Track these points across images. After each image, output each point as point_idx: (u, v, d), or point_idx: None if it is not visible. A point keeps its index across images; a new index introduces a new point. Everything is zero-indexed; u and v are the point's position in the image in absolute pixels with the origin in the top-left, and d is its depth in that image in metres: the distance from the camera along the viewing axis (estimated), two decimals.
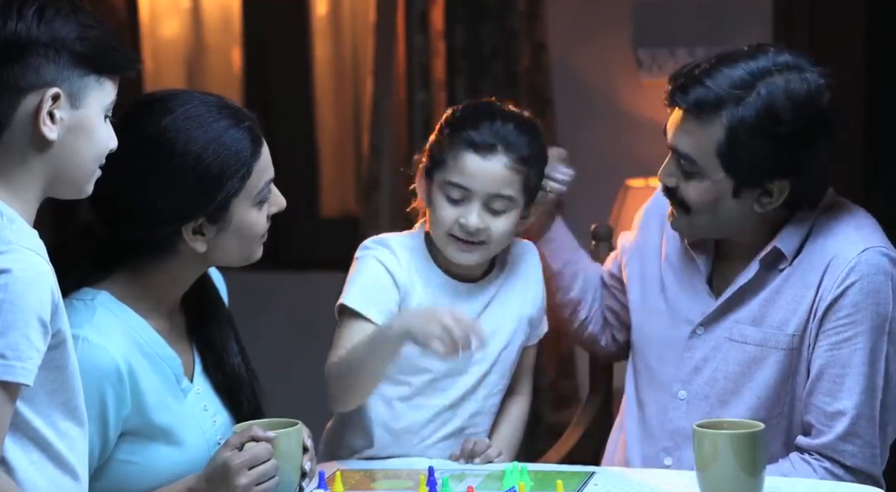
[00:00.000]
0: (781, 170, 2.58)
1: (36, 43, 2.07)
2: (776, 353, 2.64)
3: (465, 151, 2.59)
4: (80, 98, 2.12)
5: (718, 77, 2.55)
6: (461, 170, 2.59)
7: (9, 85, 2.07)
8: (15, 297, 2.00)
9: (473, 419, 2.71)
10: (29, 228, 2.09)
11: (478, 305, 2.69)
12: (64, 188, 2.16)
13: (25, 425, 2.10)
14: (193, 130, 2.34)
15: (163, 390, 2.39)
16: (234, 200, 2.38)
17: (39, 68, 2.08)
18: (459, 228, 2.60)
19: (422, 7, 4.90)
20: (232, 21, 5.42)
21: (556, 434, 3.18)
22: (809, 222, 2.65)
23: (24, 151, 2.10)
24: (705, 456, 2.32)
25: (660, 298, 2.78)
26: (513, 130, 2.60)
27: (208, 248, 2.40)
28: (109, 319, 2.34)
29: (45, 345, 2.05)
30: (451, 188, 2.61)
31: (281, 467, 2.32)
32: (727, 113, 2.54)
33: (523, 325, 2.74)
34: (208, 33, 5.48)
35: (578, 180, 2.88)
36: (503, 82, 4.91)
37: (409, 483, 2.50)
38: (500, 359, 2.71)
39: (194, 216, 2.36)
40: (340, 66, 5.44)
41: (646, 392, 2.79)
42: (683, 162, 2.61)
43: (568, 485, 2.45)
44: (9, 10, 2.07)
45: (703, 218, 2.64)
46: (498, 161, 2.59)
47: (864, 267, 2.59)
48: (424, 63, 4.91)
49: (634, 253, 2.86)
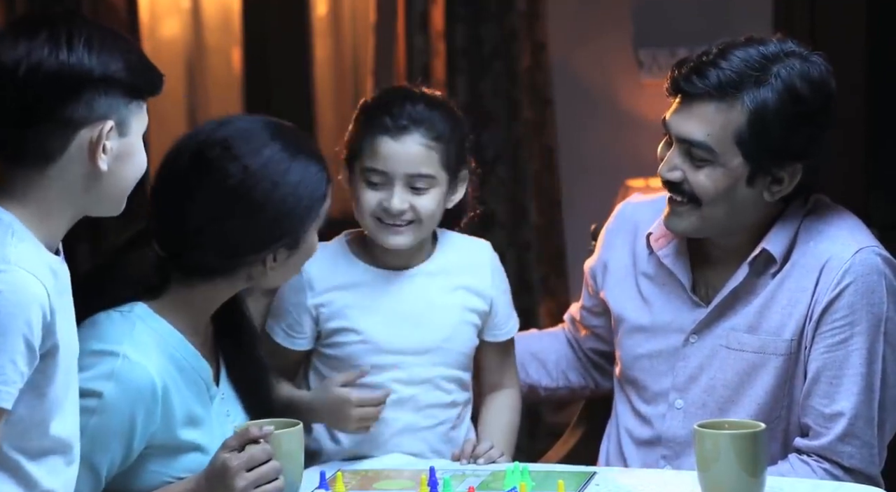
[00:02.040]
0: (796, 153, 2.57)
1: (89, 78, 2.06)
2: (775, 359, 2.63)
3: (379, 135, 2.62)
4: (126, 125, 2.13)
5: (733, 59, 2.54)
6: (377, 154, 2.62)
7: (63, 121, 2.07)
8: (3, 318, 1.98)
9: (426, 412, 2.70)
10: (36, 250, 2.08)
11: (408, 291, 2.69)
12: (101, 209, 2.17)
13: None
14: (277, 177, 2.36)
15: (193, 401, 2.39)
16: (311, 228, 2.43)
17: (93, 103, 2.08)
18: (384, 211, 2.62)
19: (422, 7, 4.90)
20: (232, 21, 5.41)
21: (556, 434, 3.17)
22: (796, 223, 2.64)
23: (71, 183, 2.10)
24: (706, 456, 2.31)
25: (644, 313, 2.76)
26: (423, 108, 2.63)
27: (268, 273, 2.42)
28: (147, 334, 2.35)
29: (31, 368, 2.03)
30: (370, 174, 2.63)
31: (282, 468, 2.32)
32: (748, 95, 2.53)
33: (470, 316, 2.72)
34: (208, 33, 5.48)
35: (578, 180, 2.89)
36: (503, 82, 4.92)
37: (411, 483, 2.50)
38: (443, 349, 2.70)
39: (276, 248, 2.39)
40: (340, 66, 5.44)
41: (639, 406, 2.77)
42: (696, 150, 2.57)
43: (569, 485, 2.45)
44: (55, 41, 2.06)
45: (717, 209, 2.60)
46: (412, 140, 2.61)
47: (859, 268, 2.58)
48: (424, 63, 4.91)
49: (606, 274, 2.84)
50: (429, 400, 2.70)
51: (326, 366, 2.70)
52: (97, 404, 2.28)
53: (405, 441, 2.69)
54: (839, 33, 4.52)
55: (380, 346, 2.66)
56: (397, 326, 2.67)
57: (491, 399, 2.80)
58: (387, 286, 2.69)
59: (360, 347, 2.66)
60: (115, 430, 2.28)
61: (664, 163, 2.62)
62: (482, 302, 2.73)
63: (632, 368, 2.77)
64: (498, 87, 4.92)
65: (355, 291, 2.68)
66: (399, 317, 2.67)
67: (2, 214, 2.07)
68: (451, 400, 2.72)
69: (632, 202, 2.88)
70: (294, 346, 2.70)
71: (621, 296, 2.80)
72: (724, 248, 2.69)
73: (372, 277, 2.69)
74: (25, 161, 2.09)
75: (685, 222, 2.64)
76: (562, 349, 2.98)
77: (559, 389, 2.99)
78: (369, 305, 2.67)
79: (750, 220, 2.64)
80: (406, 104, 2.63)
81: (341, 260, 2.70)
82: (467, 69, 4.90)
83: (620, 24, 4.84)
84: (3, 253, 2.02)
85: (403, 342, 2.67)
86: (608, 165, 4.77)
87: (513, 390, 2.82)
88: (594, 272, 2.87)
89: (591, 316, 2.92)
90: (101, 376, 2.28)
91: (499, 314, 2.76)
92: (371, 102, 2.69)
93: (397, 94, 2.69)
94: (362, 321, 2.66)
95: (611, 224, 2.87)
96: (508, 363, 2.82)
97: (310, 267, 2.62)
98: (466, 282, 2.73)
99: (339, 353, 2.68)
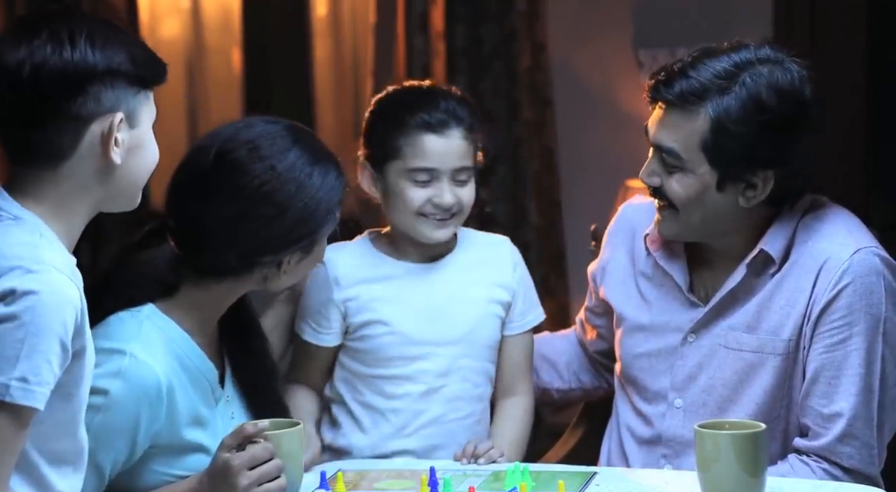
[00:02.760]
0: (765, 161, 2.57)
1: (94, 72, 2.07)
2: (773, 359, 2.63)
3: (423, 134, 2.65)
4: (136, 116, 2.13)
5: (702, 69, 2.56)
6: (423, 153, 2.65)
7: (72, 117, 2.07)
8: (40, 319, 1.99)
9: (453, 404, 2.72)
10: (63, 250, 2.09)
11: (433, 283, 2.72)
12: (117, 204, 2.18)
13: (24, 457, 2.06)
14: (302, 180, 2.38)
15: (198, 402, 2.40)
16: (326, 232, 2.46)
17: (100, 96, 2.08)
18: (434, 207, 2.66)
19: (422, 7, 4.90)
20: (232, 21, 5.42)
21: (556, 434, 3.17)
22: (793, 223, 2.64)
23: (85, 179, 2.11)
24: (707, 457, 2.31)
25: (644, 312, 2.77)
26: (455, 103, 2.68)
27: (281, 276, 2.44)
28: (155, 334, 2.36)
29: (62, 369, 2.04)
30: (416, 174, 2.66)
31: (284, 467, 2.32)
32: (711, 103, 2.54)
33: (494, 307, 2.75)
34: (208, 33, 5.48)
35: (578, 180, 2.89)
36: (503, 82, 4.92)
37: (411, 483, 2.50)
38: (470, 340, 2.72)
39: (294, 251, 2.41)
40: (340, 66, 5.44)
41: (640, 405, 2.78)
42: (666, 157, 2.59)
43: (569, 485, 2.45)
44: (57, 40, 2.06)
45: (693, 215, 2.62)
46: (455, 136, 2.66)
47: (857, 268, 2.58)
48: (424, 63, 4.91)
49: (607, 275, 2.85)
50: (457, 392, 2.72)
51: (354, 360, 2.72)
52: (103, 401, 2.28)
53: (432, 433, 2.70)
54: (839, 33, 4.51)
55: (408, 337, 2.69)
56: (424, 317, 2.70)
57: (503, 407, 2.80)
58: (413, 279, 2.72)
59: (388, 338, 2.69)
60: (120, 428, 2.29)
61: (644, 168, 2.66)
62: (506, 293, 2.76)
63: (631, 367, 2.78)
64: (498, 88, 4.93)
65: (382, 284, 2.71)
66: (426, 309, 2.71)
67: (27, 215, 2.08)
68: (479, 393, 2.75)
69: (632, 204, 2.90)
70: (321, 342, 2.72)
71: (622, 295, 2.81)
72: (720, 249, 2.69)
73: (398, 271, 2.73)
74: (38, 161, 2.09)
75: (669, 227, 2.67)
76: (573, 351, 2.99)
77: (572, 390, 3.00)
78: (396, 297, 2.71)
79: (732, 225, 2.64)
80: (440, 101, 2.67)
81: (367, 256, 2.74)
82: (467, 69, 4.91)
83: (620, 24, 4.84)
84: (37, 254, 2.02)
85: (431, 333, 2.70)
86: (608, 165, 4.77)
87: (523, 398, 2.82)
88: (596, 272, 2.89)
89: (594, 317, 2.94)
90: (109, 374, 2.29)
91: (519, 305, 2.78)
92: (395, 102, 2.71)
93: (423, 91, 2.73)
94: (390, 313, 2.70)
95: (612, 225, 2.89)
96: (521, 367, 2.81)
97: (336, 263, 2.69)
98: (489, 274, 2.76)
99: (367, 346, 2.70)
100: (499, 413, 2.80)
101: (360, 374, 2.72)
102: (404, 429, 2.70)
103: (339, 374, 2.74)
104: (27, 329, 1.97)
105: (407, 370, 2.70)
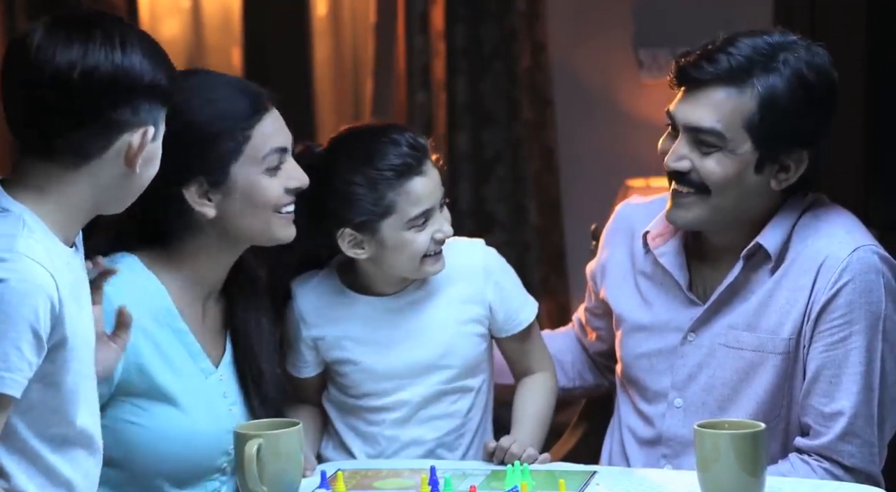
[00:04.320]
0: (805, 140, 2.58)
1: (140, 83, 2.08)
2: (773, 358, 2.63)
3: (409, 180, 2.57)
4: (158, 130, 2.16)
5: (741, 46, 2.56)
6: (417, 199, 2.58)
7: (110, 124, 2.09)
8: (8, 306, 2.00)
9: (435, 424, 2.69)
10: (49, 242, 2.09)
11: (401, 315, 2.68)
12: (112, 207, 2.20)
13: (16, 437, 2.09)
14: (191, 98, 2.37)
15: (174, 358, 2.42)
16: (234, 163, 2.42)
17: (140, 108, 2.10)
18: (437, 243, 2.61)
19: (422, 7, 4.91)
20: (232, 21, 5.42)
21: (557, 434, 3.17)
22: (792, 220, 2.64)
23: (105, 182, 2.13)
24: (706, 456, 2.31)
25: (644, 312, 2.76)
26: (411, 137, 2.60)
27: (219, 214, 2.43)
28: (129, 279, 2.39)
29: (39, 357, 2.04)
30: (415, 221, 2.58)
31: (282, 467, 2.32)
32: (759, 80, 2.54)
33: (468, 327, 2.70)
34: (208, 33, 5.48)
35: (578, 180, 2.89)
36: (503, 82, 4.92)
37: (411, 482, 2.50)
38: (443, 364, 2.68)
39: (190, 177, 2.40)
40: (340, 66, 5.44)
41: (640, 405, 2.78)
42: (705, 137, 2.57)
43: (570, 485, 2.44)
44: (111, 44, 2.07)
45: (727, 198, 2.59)
46: (430, 168, 2.60)
47: (857, 266, 2.58)
48: (424, 63, 4.92)
49: (607, 275, 2.84)
50: (432, 413, 2.70)
51: (336, 389, 2.73)
52: None
53: (413, 453, 2.70)
54: (839, 33, 4.51)
55: (378, 373, 2.67)
56: (394, 351, 2.67)
57: (522, 385, 2.78)
58: (379, 314, 2.68)
59: (360, 375, 2.68)
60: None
61: (671, 153, 2.61)
62: (479, 307, 2.71)
63: (632, 367, 2.77)
64: (498, 87, 4.93)
65: (348, 323, 2.68)
66: (394, 342, 2.67)
67: (13, 207, 2.08)
68: (455, 409, 2.72)
69: (630, 203, 2.89)
70: (300, 374, 2.72)
71: (621, 296, 2.80)
72: (721, 245, 2.69)
73: (364, 308, 2.68)
74: (62, 159, 2.10)
75: (691, 214, 2.64)
76: (576, 349, 2.99)
77: (575, 388, 3.00)
78: (363, 336, 2.67)
79: (755, 210, 2.64)
80: (400, 139, 2.58)
81: (332, 293, 2.69)
82: (467, 69, 4.91)
83: (620, 23, 4.84)
84: (12, 243, 2.03)
85: (401, 366, 2.67)
86: (608, 165, 4.77)
87: (543, 374, 2.77)
88: (594, 273, 2.88)
89: (594, 318, 2.93)
90: None
91: (503, 311, 2.73)
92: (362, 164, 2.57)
93: (374, 139, 2.59)
94: (358, 352, 2.67)
95: (609, 225, 2.88)
96: (532, 350, 2.78)
97: (301, 302, 2.67)
98: (459, 292, 2.70)
99: (344, 381, 2.70)
100: (518, 390, 2.77)
101: (342, 402, 2.72)
102: (385, 452, 2.69)
103: (326, 396, 2.75)
104: None
105: (384, 402, 2.68)
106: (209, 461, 2.50)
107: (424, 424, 2.70)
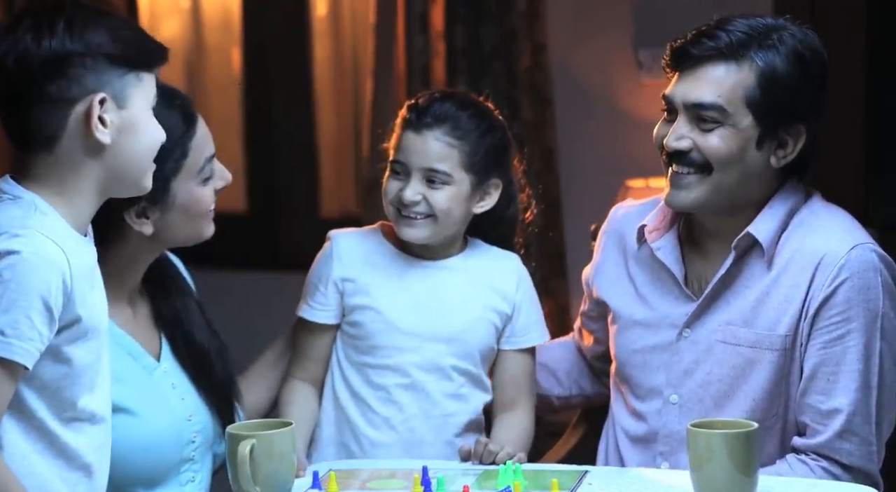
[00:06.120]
0: (803, 114, 2.61)
1: (72, 55, 2.13)
2: (770, 354, 2.63)
3: (405, 130, 2.69)
4: (125, 98, 2.18)
5: (738, 24, 2.61)
6: (401, 148, 2.69)
7: (56, 99, 2.14)
8: (21, 277, 2.05)
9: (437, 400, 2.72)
10: (64, 226, 2.14)
11: (432, 279, 2.74)
12: (121, 187, 2.23)
13: (31, 414, 2.13)
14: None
15: (115, 366, 2.38)
16: (174, 180, 2.44)
17: (81, 78, 2.14)
18: (399, 201, 2.68)
19: (422, 7, 4.90)
20: (232, 21, 5.43)
21: (556, 434, 3.17)
22: (783, 211, 2.64)
23: (80, 159, 2.17)
24: (699, 456, 2.31)
25: (639, 307, 2.77)
26: (450, 106, 2.69)
27: (157, 229, 2.45)
28: None
29: (51, 331, 2.09)
30: (395, 166, 2.70)
31: (275, 468, 2.33)
32: (757, 55, 2.58)
33: (490, 314, 2.75)
34: (208, 33, 5.49)
35: (578, 181, 2.89)
36: (503, 82, 4.91)
37: (404, 483, 2.50)
38: (459, 340, 2.72)
39: (133, 202, 2.40)
40: (340, 66, 5.44)
41: (633, 403, 2.78)
42: (706, 113, 2.59)
43: (562, 484, 2.44)
44: (39, 30, 2.14)
45: (729, 174, 2.60)
46: (431, 136, 2.67)
47: (855, 264, 2.59)
48: (424, 63, 4.91)
49: (600, 274, 2.86)
50: (441, 389, 2.72)
51: (347, 346, 2.74)
52: None
53: (416, 426, 2.71)
54: (839, 33, 4.50)
55: (397, 327, 2.71)
56: (418, 311, 2.72)
57: (500, 419, 2.79)
58: (412, 271, 2.74)
59: (378, 325, 2.71)
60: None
61: (671, 133, 2.63)
62: (505, 304, 2.77)
63: (626, 364, 2.78)
64: (498, 88, 4.92)
65: (381, 271, 2.73)
66: (420, 303, 2.72)
67: (27, 195, 2.15)
68: (456, 392, 2.74)
69: (623, 206, 2.92)
70: (317, 318, 2.74)
71: (616, 292, 2.81)
72: (715, 232, 2.69)
73: (398, 261, 2.75)
74: (35, 145, 2.16)
75: (692, 194, 2.64)
76: (572, 358, 3.00)
77: (572, 396, 3.01)
78: (393, 286, 2.72)
79: (753, 194, 2.65)
80: (435, 102, 2.69)
81: (373, 242, 2.77)
82: (467, 69, 4.90)
83: (620, 24, 4.83)
84: (25, 221, 2.10)
85: (420, 327, 2.71)
86: (608, 165, 4.76)
87: (523, 412, 2.80)
88: (589, 275, 2.91)
89: (589, 321, 2.94)
90: None
91: (520, 321, 2.78)
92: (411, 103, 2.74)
93: (434, 93, 2.74)
94: (384, 302, 2.71)
95: (604, 226, 2.91)
96: (525, 386, 2.80)
97: (341, 243, 2.74)
98: (491, 282, 2.77)
99: (359, 332, 2.72)
100: (496, 425, 2.80)
101: (350, 360, 2.73)
102: (392, 419, 2.71)
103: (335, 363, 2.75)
104: (6, 286, 2.05)
105: (393, 361, 2.70)
106: (175, 455, 2.52)
107: (429, 399, 2.72)
